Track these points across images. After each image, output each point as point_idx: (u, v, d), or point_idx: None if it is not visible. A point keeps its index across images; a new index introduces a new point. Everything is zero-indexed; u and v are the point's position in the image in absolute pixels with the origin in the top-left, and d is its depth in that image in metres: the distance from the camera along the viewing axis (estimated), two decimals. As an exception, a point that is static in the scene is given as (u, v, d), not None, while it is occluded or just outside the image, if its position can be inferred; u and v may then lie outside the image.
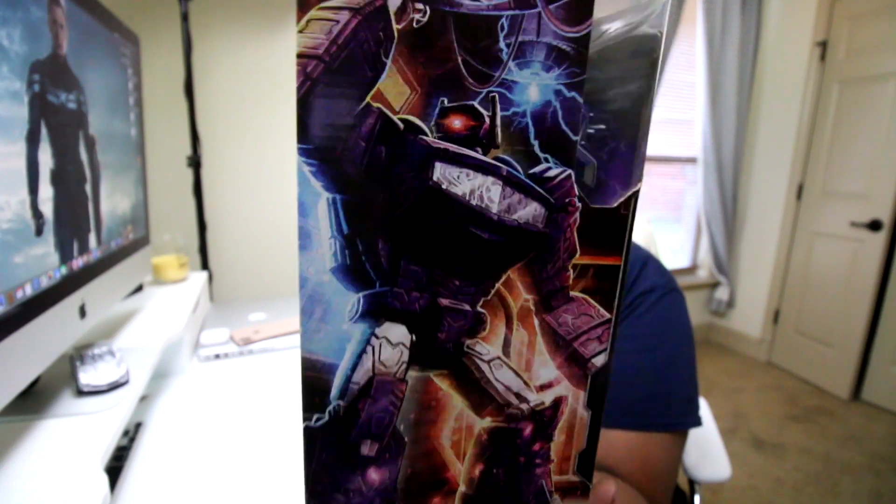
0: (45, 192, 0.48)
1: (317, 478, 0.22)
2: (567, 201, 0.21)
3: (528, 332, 0.22)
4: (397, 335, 0.22)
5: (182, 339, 0.80)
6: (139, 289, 0.97)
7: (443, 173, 0.20)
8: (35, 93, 0.47)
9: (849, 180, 2.14)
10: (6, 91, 0.42)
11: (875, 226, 2.02)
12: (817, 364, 2.29)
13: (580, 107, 0.20)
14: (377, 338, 0.21)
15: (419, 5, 0.19)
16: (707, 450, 0.82)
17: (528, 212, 0.21)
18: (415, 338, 0.22)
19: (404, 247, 0.21)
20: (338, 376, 0.22)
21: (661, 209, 2.69)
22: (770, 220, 2.52)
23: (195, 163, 1.38)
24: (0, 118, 0.41)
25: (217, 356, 0.87)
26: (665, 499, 0.51)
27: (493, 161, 0.20)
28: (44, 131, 0.48)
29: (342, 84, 0.19)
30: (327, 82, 0.19)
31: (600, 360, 0.23)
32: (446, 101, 0.20)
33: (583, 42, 0.20)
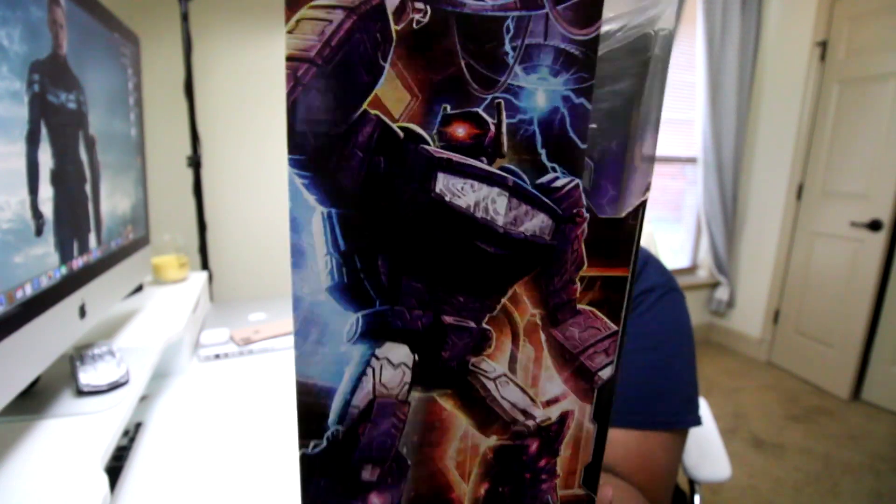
0: (45, 192, 0.48)
1: None
2: (575, 212, 0.20)
3: (535, 348, 0.21)
4: (399, 355, 0.21)
5: (182, 339, 0.80)
6: (139, 289, 0.96)
7: (446, 185, 0.19)
8: (35, 93, 0.47)
9: (849, 180, 2.14)
10: (6, 91, 0.42)
11: (875, 226, 2.02)
12: (817, 364, 2.29)
13: (589, 114, 0.19)
14: (378, 359, 0.20)
15: (419, 5, 0.17)
16: (707, 450, 0.82)
17: (535, 224, 0.20)
18: (417, 357, 0.21)
19: (405, 263, 0.20)
20: (336, 400, 0.20)
21: (661, 209, 2.68)
22: (770, 220, 2.52)
23: (195, 163, 1.38)
24: (0, 118, 0.41)
25: (217, 356, 0.87)
26: (665, 498, 0.51)
27: (499, 171, 0.19)
28: (44, 131, 0.48)
29: (336, 89, 0.17)
30: (320, 87, 0.17)
31: (607, 373, 0.22)
32: (449, 107, 0.18)
33: (591, 45, 0.19)
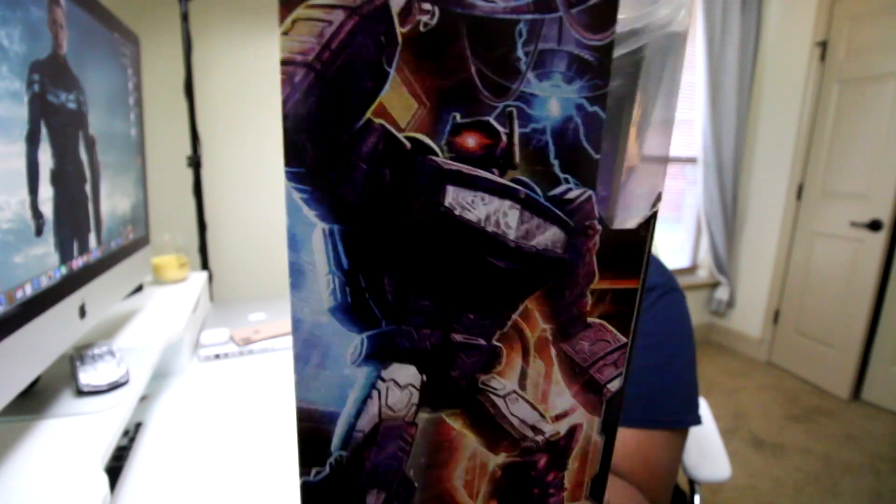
0: (45, 192, 0.48)
1: None
2: (587, 224, 0.19)
3: (545, 363, 0.21)
4: (406, 376, 0.20)
5: (182, 339, 0.80)
6: (139, 289, 0.96)
7: (455, 198, 0.18)
8: (35, 93, 0.47)
9: (849, 180, 2.14)
10: (6, 91, 0.42)
11: (875, 226, 2.02)
12: (817, 364, 2.29)
13: (603, 123, 0.18)
14: (384, 381, 0.20)
15: (426, 5, 0.16)
16: (707, 450, 0.82)
17: (548, 237, 0.19)
18: (425, 378, 0.20)
19: (413, 280, 0.19)
20: (339, 425, 0.20)
21: (661, 209, 2.68)
22: (770, 220, 2.52)
23: (195, 163, 1.38)
24: (0, 118, 0.41)
25: (217, 356, 0.87)
26: (665, 497, 0.51)
27: (511, 183, 0.18)
28: (44, 131, 0.48)
29: (338, 96, 0.16)
30: (319, 94, 0.16)
31: (615, 385, 0.22)
32: (458, 116, 0.17)
33: (606, 51, 0.18)
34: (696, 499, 0.81)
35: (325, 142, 0.17)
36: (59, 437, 0.48)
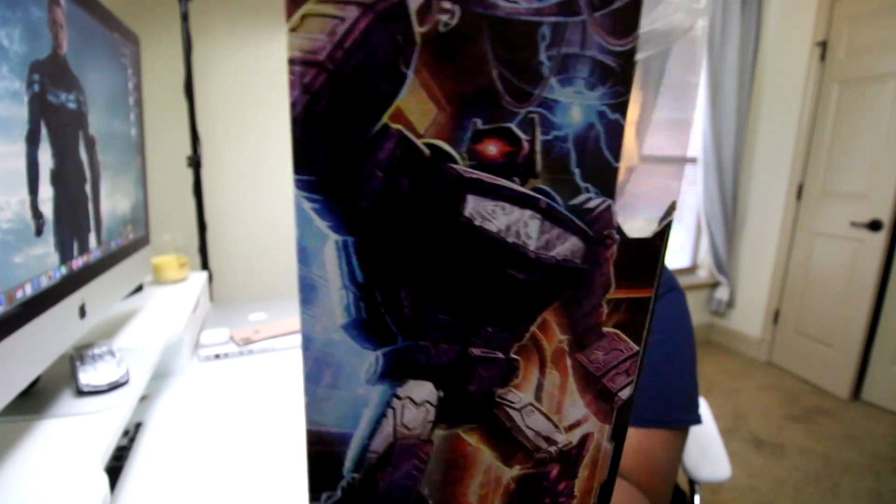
0: (45, 192, 0.48)
1: None
2: (605, 234, 0.19)
3: (561, 374, 0.20)
4: (422, 393, 0.19)
5: (182, 339, 0.80)
6: (139, 289, 0.96)
7: (475, 208, 0.17)
8: (35, 93, 0.47)
9: (849, 180, 2.14)
10: (6, 91, 0.42)
11: (875, 226, 2.02)
12: (817, 364, 2.29)
13: (623, 130, 0.18)
14: (399, 399, 0.19)
15: (446, 4, 0.15)
16: (707, 450, 0.82)
17: (567, 247, 0.19)
18: (442, 394, 0.19)
19: (431, 294, 0.18)
20: (352, 447, 0.19)
21: (660, 209, 2.67)
22: (770, 220, 2.52)
23: (195, 163, 1.38)
24: (0, 118, 0.41)
25: (217, 356, 0.87)
26: (665, 496, 0.51)
27: (532, 192, 0.18)
28: (44, 131, 0.48)
29: (352, 99, 0.15)
30: (332, 97, 0.15)
31: (626, 393, 0.21)
32: (479, 122, 0.17)
33: (628, 57, 0.17)
34: (696, 499, 0.81)
35: (339, 148, 0.16)
36: (59, 437, 0.48)
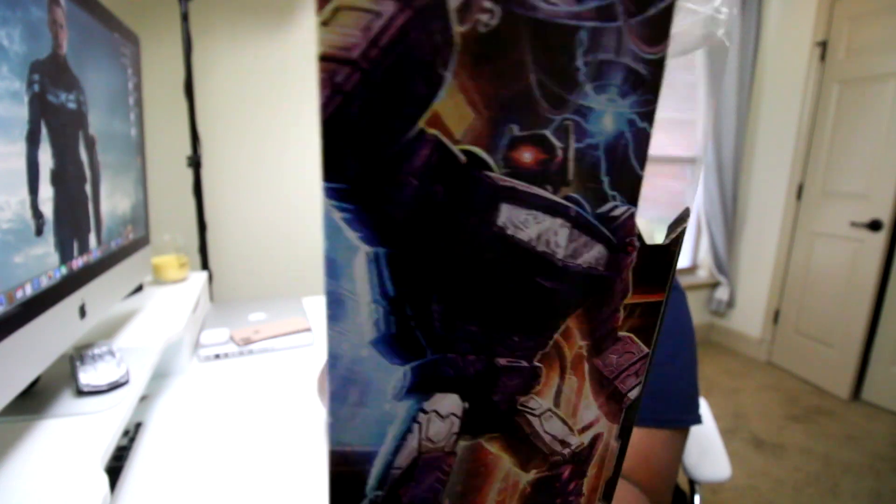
0: (45, 192, 0.48)
1: None
2: (627, 241, 0.19)
3: (578, 379, 0.20)
4: (448, 406, 0.19)
5: (182, 339, 0.80)
6: (139, 289, 0.97)
7: (509, 216, 0.17)
8: (35, 93, 0.47)
9: (849, 180, 2.14)
10: (6, 91, 0.42)
11: (875, 226, 2.02)
12: (817, 364, 2.29)
13: (650, 139, 0.18)
14: (425, 413, 0.18)
15: (487, 3, 0.15)
16: (707, 450, 0.82)
17: (592, 255, 0.18)
18: (468, 405, 0.19)
19: (461, 305, 0.17)
20: (376, 465, 0.18)
21: (661, 209, 2.68)
22: (770, 220, 2.52)
23: (195, 163, 1.38)
24: (0, 118, 0.41)
25: (217, 356, 0.87)
26: (666, 496, 0.51)
27: (563, 201, 0.17)
28: (44, 131, 0.48)
29: (387, 102, 0.14)
30: (366, 98, 0.14)
31: (635, 393, 0.22)
32: (516, 128, 0.16)
33: (659, 65, 0.17)
34: (696, 499, 0.82)
35: (372, 154, 0.15)
36: (59, 437, 0.48)
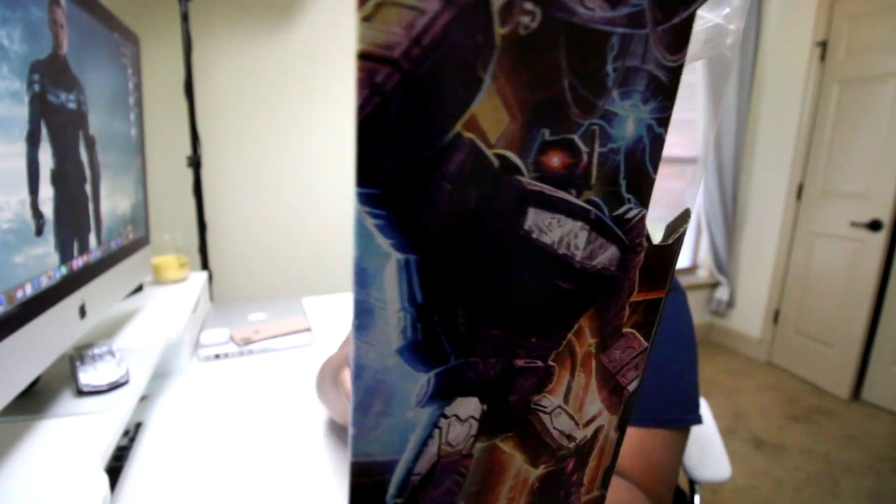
0: (46, 192, 0.48)
1: None
2: (637, 242, 0.19)
3: (586, 375, 0.21)
4: (468, 409, 0.19)
5: (182, 339, 0.80)
6: (139, 289, 0.96)
7: (535, 220, 0.17)
8: (35, 93, 0.47)
9: (849, 180, 2.14)
10: (6, 91, 0.42)
11: (875, 226, 2.02)
12: (817, 364, 2.29)
13: (663, 144, 0.18)
14: (446, 418, 0.18)
15: (529, 5, 0.14)
16: (707, 450, 0.82)
17: (606, 256, 0.19)
18: (486, 407, 0.19)
19: (485, 310, 0.17)
20: (397, 472, 0.18)
21: (661, 209, 2.68)
22: (770, 220, 2.52)
23: (195, 163, 1.38)
24: (0, 118, 0.41)
25: (217, 356, 0.87)
26: (667, 496, 0.51)
27: (585, 204, 0.18)
28: (44, 131, 0.48)
29: (426, 104, 0.14)
30: (405, 99, 0.13)
31: (633, 386, 0.22)
32: (547, 133, 0.16)
33: (678, 72, 0.17)
34: (696, 499, 0.82)
35: (409, 158, 0.14)
36: (59, 437, 0.48)
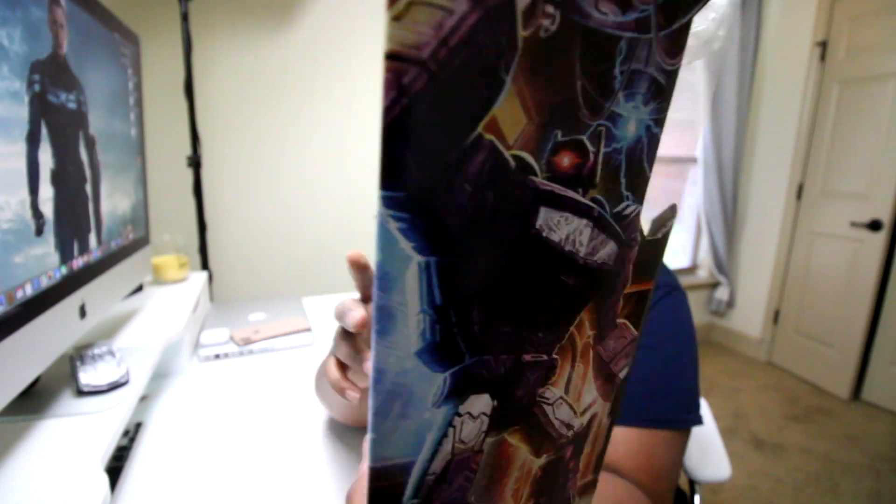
0: (46, 192, 0.48)
1: None
2: (632, 237, 0.20)
3: (584, 366, 0.21)
4: (480, 406, 0.19)
5: (182, 339, 0.80)
6: (139, 289, 0.96)
7: (546, 219, 0.17)
8: (35, 93, 0.47)
9: (849, 180, 2.14)
10: (6, 91, 0.42)
11: (875, 226, 2.02)
12: (817, 364, 2.29)
13: (659, 143, 0.19)
14: (460, 416, 0.18)
15: (549, 8, 0.14)
16: (707, 450, 0.82)
17: (606, 251, 0.19)
18: (496, 403, 0.19)
19: (498, 307, 0.18)
20: (414, 474, 0.18)
21: (661, 209, 2.68)
22: (770, 220, 2.52)
23: (195, 163, 1.38)
24: (0, 118, 0.41)
25: (217, 356, 0.87)
26: (668, 497, 0.51)
27: (589, 202, 0.18)
28: (44, 131, 0.48)
29: (451, 105, 0.14)
30: (431, 101, 0.13)
31: (624, 373, 0.23)
32: (560, 134, 0.16)
33: (675, 76, 0.18)
34: (696, 499, 0.82)
35: (433, 160, 0.14)
36: (59, 437, 0.48)
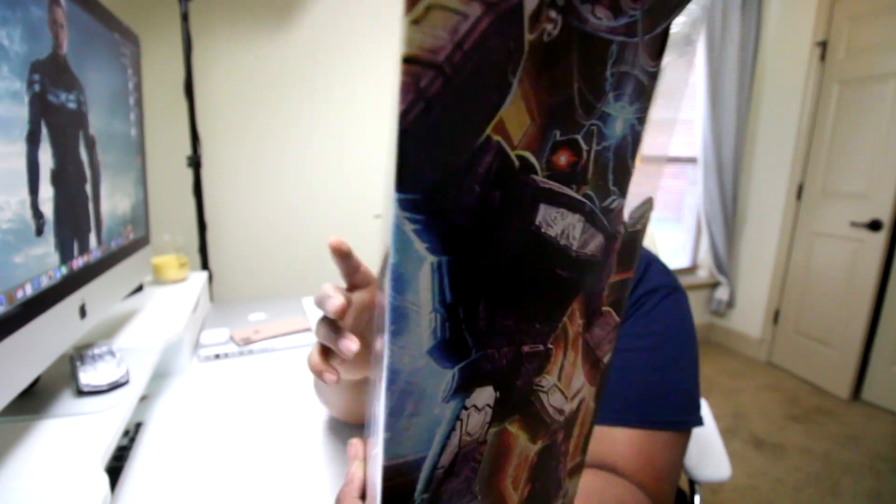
0: (46, 192, 0.48)
1: None
2: (617, 229, 0.20)
3: (575, 353, 0.22)
4: (484, 398, 0.19)
5: (182, 339, 0.80)
6: (139, 289, 0.96)
7: (544, 216, 0.18)
8: (35, 93, 0.47)
9: (849, 180, 2.14)
10: (6, 91, 0.42)
11: (875, 226, 2.02)
12: (817, 364, 2.29)
13: (641, 140, 0.19)
14: (466, 409, 0.19)
15: (552, 13, 0.15)
16: (707, 450, 0.82)
17: (595, 244, 0.20)
18: (499, 394, 0.20)
19: (501, 302, 0.18)
20: (425, 469, 0.19)
21: (661, 209, 2.69)
22: (770, 220, 2.52)
23: (195, 163, 1.38)
24: (0, 118, 0.41)
25: (217, 356, 0.87)
26: (669, 498, 0.51)
27: (582, 198, 0.19)
28: (44, 131, 0.48)
29: (463, 108, 0.14)
30: (445, 104, 0.14)
31: (608, 358, 0.24)
32: (558, 133, 0.17)
33: (656, 76, 0.18)
34: (696, 499, 0.81)
35: (446, 162, 0.14)
36: (59, 437, 0.48)
